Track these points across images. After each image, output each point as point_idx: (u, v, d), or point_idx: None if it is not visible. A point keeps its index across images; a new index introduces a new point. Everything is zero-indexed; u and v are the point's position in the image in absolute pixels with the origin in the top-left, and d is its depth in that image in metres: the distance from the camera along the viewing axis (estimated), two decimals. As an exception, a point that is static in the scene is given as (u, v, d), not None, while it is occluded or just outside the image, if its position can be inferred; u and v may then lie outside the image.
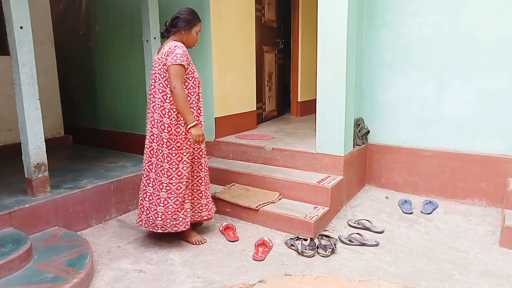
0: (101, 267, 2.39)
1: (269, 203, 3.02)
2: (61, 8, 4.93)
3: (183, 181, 2.55)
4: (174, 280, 2.26)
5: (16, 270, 2.14)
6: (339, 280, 2.24)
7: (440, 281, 2.21)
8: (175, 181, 2.53)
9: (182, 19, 2.49)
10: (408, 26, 3.42)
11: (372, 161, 3.74)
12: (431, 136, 3.45)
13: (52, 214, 2.71)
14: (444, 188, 3.41)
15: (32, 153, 2.68)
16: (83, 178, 3.19)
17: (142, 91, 3.70)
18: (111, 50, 4.66)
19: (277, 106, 5.40)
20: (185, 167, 2.54)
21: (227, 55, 4.00)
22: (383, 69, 3.59)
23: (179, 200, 2.55)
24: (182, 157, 2.52)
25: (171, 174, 2.51)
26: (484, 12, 3.11)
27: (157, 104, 2.49)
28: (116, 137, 4.71)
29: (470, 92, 3.25)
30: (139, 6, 3.50)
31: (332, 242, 2.60)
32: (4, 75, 3.85)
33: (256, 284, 2.19)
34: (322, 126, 3.22)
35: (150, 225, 2.59)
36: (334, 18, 3.02)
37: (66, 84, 4.96)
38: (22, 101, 2.61)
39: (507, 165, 3.14)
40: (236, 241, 2.73)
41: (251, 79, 4.50)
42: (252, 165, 3.57)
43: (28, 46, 2.60)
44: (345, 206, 3.31)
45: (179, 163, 2.52)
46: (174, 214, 2.55)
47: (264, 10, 4.81)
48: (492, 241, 2.68)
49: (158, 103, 2.48)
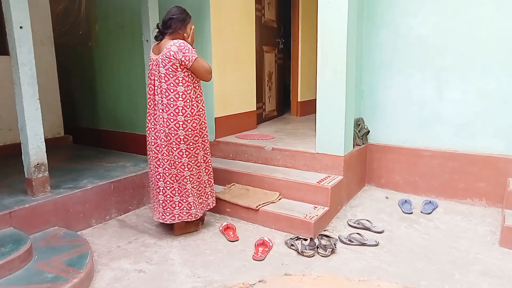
0: (101, 267, 2.39)
1: (269, 203, 3.02)
2: (61, 8, 4.93)
3: (201, 169, 2.76)
4: (174, 280, 2.26)
5: (16, 270, 2.13)
6: (339, 280, 2.24)
7: (440, 281, 2.21)
8: (195, 171, 2.72)
9: (176, 19, 2.56)
10: (408, 26, 3.42)
11: (372, 161, 3.75)
12: (431, 136, 3.45)
13: (52, 214, 2.71)
14: (444, 188, 3.41)
15: (32, 153, 2.68)
16: (83, 178, 3.19)
17: (142, 91, 3.70)
18: (111, 50, 4.66)
19: (277, 106, 5.40)
20: (200, 157, 2.73)
21: (227, 55, 4.00)
22: (383, 69, 3.59)
23: (202, 186, 2.80)
24: (199, 149, 2.69)
25: (191, 166, 2.68)
26: (484, 12, 3.11)
27: (167, 103, 2.54)
28: (116, 137, 4.71)
29: (470, 92, 3.25)
30: (139, 6, 3.50)
31: (332, 242, 2.60)
32: (4, 75, 3.85)
33: (256, 284, 2.20)
34: (322, 126, 3.22)
35: (185, 215, 2.72)
36: (334, 18, 3.02)
37: (66, 84, 4.95)
38: (22, 101, 2.61)
39: (507, 165, 3.14)
40: (236, 241, 2.73)
41: (251, 79, 4.50)
42: (252, 165, 3.57)
43: (27, 46, 2.59)
44: (345, 206, 3.31)
45: (197, 155, 2.69)
46: (200, 198, 2.80)
47: (264, 10, 4.80)
48: (492, 241, 2.68)
49: (170, 103, 2.53)
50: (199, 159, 2.72)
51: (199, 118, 2.65)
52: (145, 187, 3.39)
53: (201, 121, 2.68)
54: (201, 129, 2.69)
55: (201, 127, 2.69)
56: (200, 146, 2.71)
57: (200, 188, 2.78)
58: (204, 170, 2.80)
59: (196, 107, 2.63)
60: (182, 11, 2.60)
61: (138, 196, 3.35)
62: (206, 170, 2.82)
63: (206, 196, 2.85)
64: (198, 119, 2.65)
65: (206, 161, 2.81)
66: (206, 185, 2.84)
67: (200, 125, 2.68)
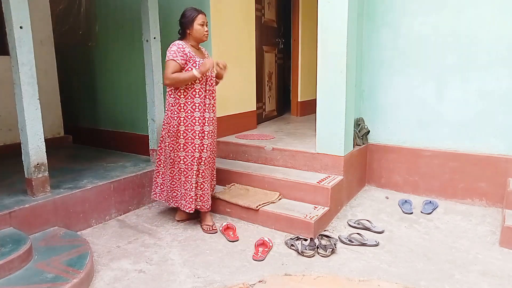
0: (101, 267, 2.39)
1: (269, 203, 3.02)
2: (61, 8, 4.93)
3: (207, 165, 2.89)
4: (174, 280, 2.26)
5: (16, 270, 2.13)
6: (339, 280, 2.24)
7: (440, 281, 2.21)
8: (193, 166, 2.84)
9: (180, 24, 2.76)
10: (408, 26, 3.42)
11: (372, 161, 3.74)
12: (431, 136, 3.45)
13: (52, 214, 2.71)
14: (444, 188, 3.41)
15: (32, 153, 2.68)
16: (83, 178, 3.19)
17: (142, 91, 3.70)
18: (111, 50, 4.65)
19: (277, 106, 5.40)
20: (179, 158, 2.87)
21: (227, 55, 3.99)
22: (383, 69, 3.59)
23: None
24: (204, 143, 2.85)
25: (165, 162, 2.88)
26: (484, 12, 3.11)
27: (170, 102, 2.78)
28: (116, 137, 4.70)
29: (470, 92, 3.25)
30: (139, 6, 3.50)
31: (332, 242, 2.60)
32: (4, 75, 3.85)
33: (256, 284, 2.19)
34: (322, 126, 3.22)
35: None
36: (334, 18, 3.02)
37: (66, 84, 4.95)
38: (22, 101, 2.61)
39: (507, 165, 3.14)
40: (236, 241, 2.73)
41: (251, 79, 4.50)
42: (252, 165, 3.57)
43: (27, 46, 2.59)
44: (345, 206, 3.31)
45: (201, 152, 2.82)
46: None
47: (264, 10, 4.80)
48: (492, 241, 2.68)
49: (171, 102, 2.78)
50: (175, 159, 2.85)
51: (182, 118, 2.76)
52: (145, 187, 3.39)
53: (187, 122, 2.76)
54: (185, 130, 2.77)
55: (186, 128, 2.76)
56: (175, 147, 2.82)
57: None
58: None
59: (184, 107, 2.74)
60: (184, 14, 2.74)
61: (138, 196, 3.35)
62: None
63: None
64: (178, 119, 2.75)
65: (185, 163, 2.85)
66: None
67: (186, 125, 2.76)
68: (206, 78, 2.76)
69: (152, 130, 3.60)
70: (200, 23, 2.70)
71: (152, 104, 3.55)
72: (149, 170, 3.42)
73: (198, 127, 2.75)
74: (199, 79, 2.70)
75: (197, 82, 2.71)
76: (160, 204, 3.44)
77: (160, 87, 3.55)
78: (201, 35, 2.73)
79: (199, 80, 2.70)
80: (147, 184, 3.40)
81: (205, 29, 2.73)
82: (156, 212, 3.28)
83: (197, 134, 2.75)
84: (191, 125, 2.75)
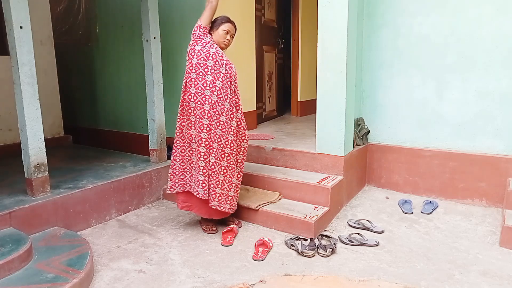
0: (101, 267, 2.39)
1: (269, 203, 3.02)
2: (61, 8, 4.93)
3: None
4: (174, 280, 2.26)
5: (16, 270, 2.13)
6: (339, 280, 2.24)
7: (440, 281, 2.21)
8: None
9: (211, 23, 2.76)
10: (408, 26, 3.42)
11: (372, 161, 3.74)
12: (431, 136, 3.45)
13: (52, 214, 2.71)
14: (444, 188, 3.41)
15: (32, 153, 2.68)
16: (83, 178, 3.19)
17: (142, 91, 3.70)
18: (111, 50, 4.66)
19: (277, 106, 5.40)
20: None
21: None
22: (383, 69, 3.59)
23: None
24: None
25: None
26: (484, 12, 3.11)
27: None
28: (116, 137, 4.71)
29: (470, 92, 3.25)
30: (139, 6, 3.50)
31: (332, 242, 2.60)
32: (4, 75, 3.85)
33: (256, 284, 2.19)
34: (322, 126, 3.22)
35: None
36: (334, 18, 3.02)
37: (66, 84, 4.95)
38: (22, 101, 2.61)
39: (507, 165, 3.14)
40: (229, 246, 2.65)
41: (251, 79, 4.50)
42: (252, 165, 3.57)
43: (27, 46, 2.60)
44: (345, 206, 3.31)
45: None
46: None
47: (264, 10, 4.80)
48: (492, 241, 2.68)
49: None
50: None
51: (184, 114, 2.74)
52: (145, 187, 3.39)
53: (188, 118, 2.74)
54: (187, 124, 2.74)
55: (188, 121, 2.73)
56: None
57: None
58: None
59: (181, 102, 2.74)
60: (214, 20, 2.76)
61: (138, 196, 3.35)
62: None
63: None
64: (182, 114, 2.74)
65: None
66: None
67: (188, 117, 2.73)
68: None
69: (152, 130, 3.60)
70: (225, 30, 2.73)
71: (152, 104, 3.54)
72: (149, 170, 3.42)
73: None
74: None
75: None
76: (160, 204, 3.44)
77: (160, 87, 3.55)
78: (221, 40, 2.75)
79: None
80: (147, 184, 3.41)
81: (227, 37, 2.75)
82: (156, 212, 3.28)
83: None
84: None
